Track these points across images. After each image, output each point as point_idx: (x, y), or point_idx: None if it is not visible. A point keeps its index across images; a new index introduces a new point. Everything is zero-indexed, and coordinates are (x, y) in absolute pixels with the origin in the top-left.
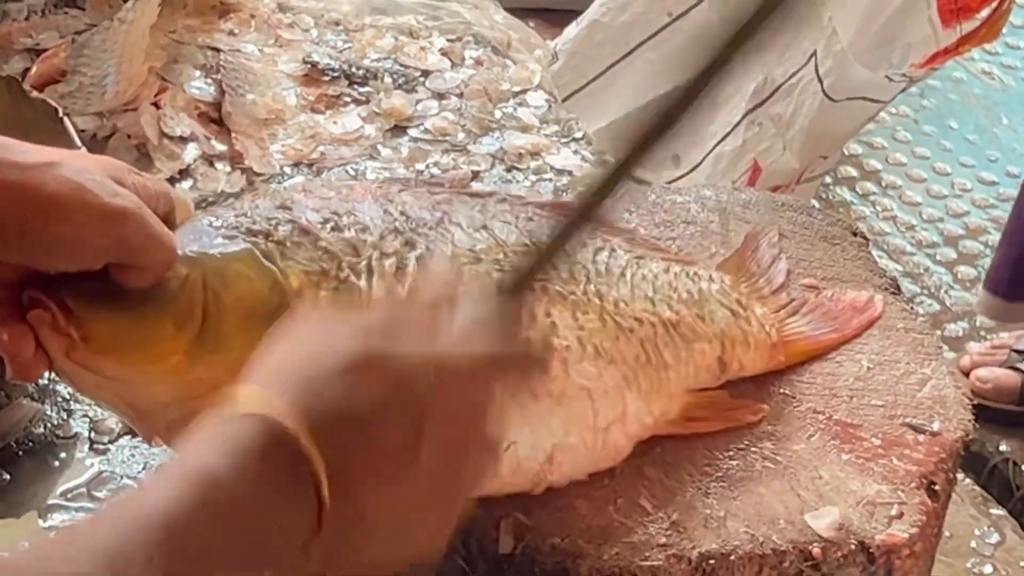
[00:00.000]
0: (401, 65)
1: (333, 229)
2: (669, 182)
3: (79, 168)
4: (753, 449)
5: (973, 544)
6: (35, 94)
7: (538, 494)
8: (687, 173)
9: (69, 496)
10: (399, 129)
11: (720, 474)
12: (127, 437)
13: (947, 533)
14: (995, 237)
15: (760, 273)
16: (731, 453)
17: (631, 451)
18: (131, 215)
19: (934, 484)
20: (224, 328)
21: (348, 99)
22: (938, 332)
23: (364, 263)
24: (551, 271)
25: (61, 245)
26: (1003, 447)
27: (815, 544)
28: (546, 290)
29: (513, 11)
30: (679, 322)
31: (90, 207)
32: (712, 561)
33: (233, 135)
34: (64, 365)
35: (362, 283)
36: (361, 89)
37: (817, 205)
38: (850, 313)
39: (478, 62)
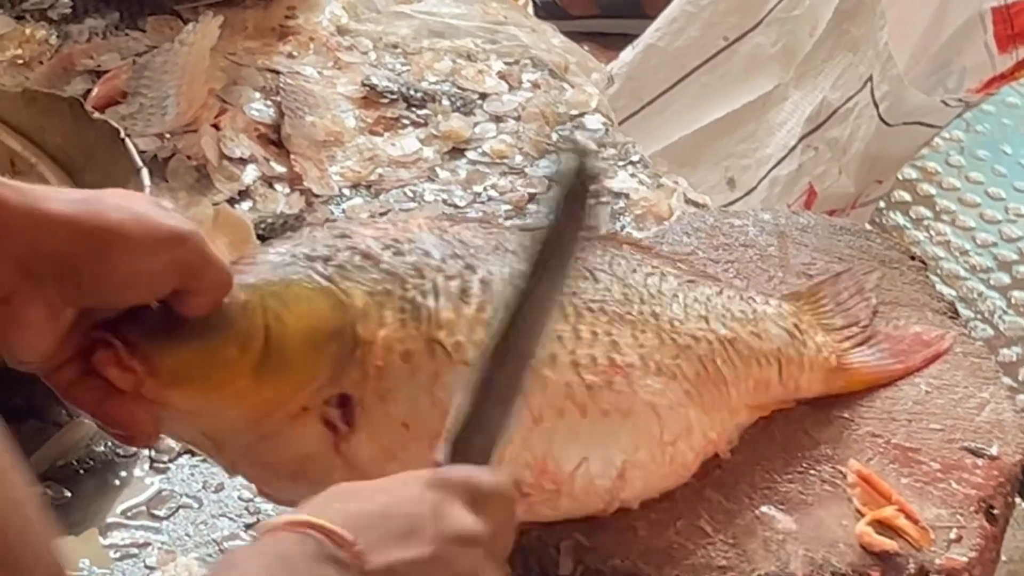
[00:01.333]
0: (459, 88)
1: (395, 254)
2: (724, 206)
3: (125, 195)
4: (812, 472)
5: None
6: (96, 115)
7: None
8: (742, 197)
9: (129, 514)
10: (457, 151)
11: (779, 497)
12: (187, 456)
13: (1004, 558)
14: None
15: (834, 307)
16: (790, 476)
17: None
18: (189, 235)
19: (993, 508)
20: (288, 347)
21: (406, 121)
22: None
23: (429, 284)
24: None
25: (132, 274)
26: None
27: (874, 568)
28: (604, 311)
29: (570, 35)
30: (735, 339)
31: (153, 231)
32: None
33: (292, 157)
34: None
35: (429, 302)
36: (419, 111)
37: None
38: (917, 346)
39: (535, 85)
